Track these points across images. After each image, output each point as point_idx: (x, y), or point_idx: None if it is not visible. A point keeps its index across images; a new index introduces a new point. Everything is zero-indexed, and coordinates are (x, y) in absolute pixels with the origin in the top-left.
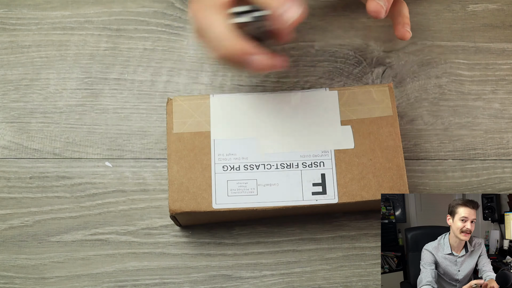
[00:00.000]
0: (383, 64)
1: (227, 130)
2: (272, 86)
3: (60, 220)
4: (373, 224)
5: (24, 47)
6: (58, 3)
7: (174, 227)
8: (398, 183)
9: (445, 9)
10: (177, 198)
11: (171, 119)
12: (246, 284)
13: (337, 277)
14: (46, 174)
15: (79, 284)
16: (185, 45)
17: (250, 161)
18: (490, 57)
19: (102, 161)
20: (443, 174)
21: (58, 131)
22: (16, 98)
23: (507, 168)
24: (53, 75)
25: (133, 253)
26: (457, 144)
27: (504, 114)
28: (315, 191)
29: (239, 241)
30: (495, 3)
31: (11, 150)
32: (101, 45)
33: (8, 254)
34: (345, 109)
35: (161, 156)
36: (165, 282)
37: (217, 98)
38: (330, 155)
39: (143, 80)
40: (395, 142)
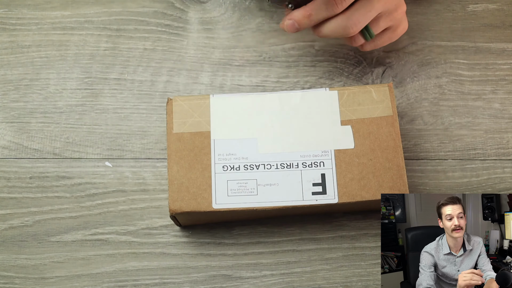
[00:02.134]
0: (383, 64)
1: (227, 130)
2: (272, 86)
3: (60, 220)
4: (373, 224)
5: (24, 47)
6: (58, 3)
7: (174, 227)
8: (398, 183)
9: (445, 9)
10: (177, 198)
11: (171, 119)
12: (246, 284)
13: (337, 277)
14: (46, 174)
15: (79, 284)
16: (185, 45)
17: (250, 161)
18: (490, 57)
19: (102, 161)
20: (443, 174)
21: (58, 131)
22: (16, 98)
23: (507, 168)
24: (53, 75)
25: (133, 253)
26: (457, 144)
27: (504, 114)
28: (315, 191)
29: (239, 241)
30: (495, 3)
31: (11, 150)
32: (101, 45)
33: (8, 254)
34: (345, 109)
35: (161, 156)
36: (165, 282)
37: (217, 98)
38: (330, 155)
39: (143, 80)
40: (395, 142)
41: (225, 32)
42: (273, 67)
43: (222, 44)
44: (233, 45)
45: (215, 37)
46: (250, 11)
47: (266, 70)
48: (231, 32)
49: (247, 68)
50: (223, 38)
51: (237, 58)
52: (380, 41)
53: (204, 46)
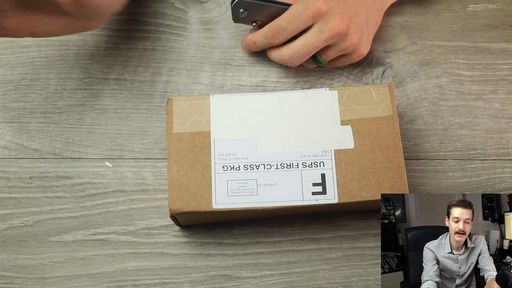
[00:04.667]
0: (383, 64)
1: (227, 130)
2: (272, 86)
3: (60, 220)
4: (373, 224)
5: (24, 47)
6: None
7: (174, 227)
8: (398, 183)
9: (445, 9)
10: (177, 198)
11: (171, 119)
12: (246, 284)
13: (337, 277)
14: (46, 174)
15: (79, 284)
16: (185, 45)
17: (250, 161)
18: (490, 57)
19: (102, 161)
20: (443, 174)
21: (58, 131)
22: (16, 98)
23: (507, 168)
24: (53, 75)
25: (133, 253)
26: (457, 144)
27: (504, 114)
28: (315, 191)
29: (239, 241)
30: (495, 3)
31: (11, 150)
32: (101, 45)
33: (8, 254)
34: (345, 109)
35: (161, 156)
36: (165, 282)
37: (217, 98)
38: (330, 155)
39: (143, 80)
40: (395, 142)
41: (225, 32)
42: (273, 67)
43: (222, 44)
44: (233, 45)
45: (215, 37)
46: None
47: (266, 70)
48: (231, 32)
49: (247, 68)
50: (223, 38)
51: (237, 58)
52: (337, 64)
53: (204, 46)
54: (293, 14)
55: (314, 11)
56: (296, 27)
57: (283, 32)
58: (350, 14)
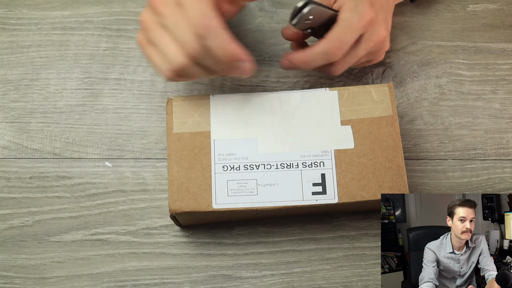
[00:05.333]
0: (383, 64)
1: (227, 130)
2: (272, 86)
3: (60, 220)
4: (373, 224)
5: (24, 47)
6: (58, 3)
7: (174, 227)
8: (398, 183)
9: (445, 9)
10: (177, 198)
11: (171, 119)
12: (246, 284)
13: (337, 277)
14: (46, 174)
15: (79, 284)
16: None
17: (250, 161)
18: (490, 57)
19: (102, 161)
20: (443, 174)
21: (58, 131)
22: (16, 98)
23: (507, 168)
24: (53, 75)
25: (133, 253)
26: (457, 144)
27: (504, 114)
28: (315, 191)
29: (239, 241)
30: (495, 3)
31: (11, 150)
32: (101, 45)
33: (8, 254)
34: (345, 109)
35: (161, 156)
36: (165, 282)
37: (217, 98)
38: (330, 155)
39: (143, 80)
40: (395, 142)
41: None
42: (273, 67)
43: None
44: None
45: None
46: (250, 11)
47: (266, 70)
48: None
49: None
50: None
51: None
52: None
53: None
54: (349, 25)
55: (368, 21)
56: (353, 38)
57: (345, 45)
58: (387, 20)
